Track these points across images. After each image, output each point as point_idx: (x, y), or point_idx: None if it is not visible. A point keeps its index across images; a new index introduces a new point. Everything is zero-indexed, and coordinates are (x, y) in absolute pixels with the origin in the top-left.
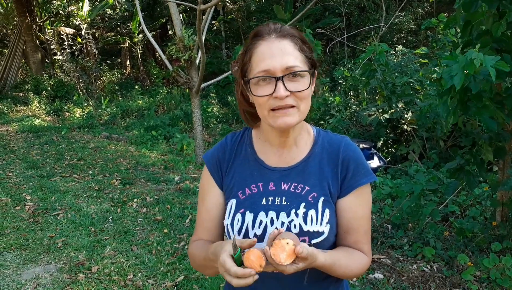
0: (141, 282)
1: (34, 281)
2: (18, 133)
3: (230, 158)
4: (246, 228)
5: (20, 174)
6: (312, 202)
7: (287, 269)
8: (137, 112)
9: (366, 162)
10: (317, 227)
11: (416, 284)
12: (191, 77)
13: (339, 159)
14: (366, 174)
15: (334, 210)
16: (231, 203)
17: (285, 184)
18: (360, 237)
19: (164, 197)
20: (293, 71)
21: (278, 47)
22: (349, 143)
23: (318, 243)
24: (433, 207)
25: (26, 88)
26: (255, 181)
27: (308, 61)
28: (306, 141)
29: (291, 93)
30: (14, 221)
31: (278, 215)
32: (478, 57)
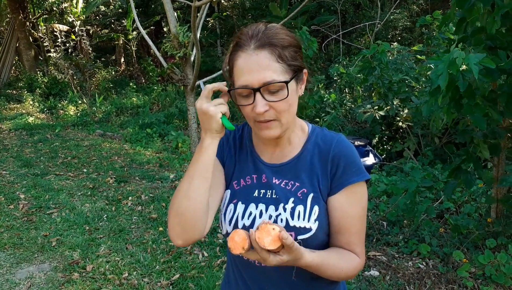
0: (136, 280)
1: (28, 280)
2: (11, 131)
3: (234, 147)
4: (236, 219)
5: (14, 173)
6: (301, 198)
7: (270, 259)
8: (131, 109)
9: (359, 160)
10: (304, 223)
11: (412, 281)
12: (186, 74)
13: (330, 155)
14: (357, 172)
15: (324, 208)
16: (226, 194)
17: (276, 179)
18: (352, 238)
19: (159, 195)
20: (270, 84)
21: (255, 61)
22: (342, 140)
23: (305, 240)
24: (428, 204)
25: (19, 86)
26: (250, 173)
27: (289, 68)
28: (300, 138)
29: (271, 105)
30: (8, 220)
31: (267, 208)
32: (460, 56)
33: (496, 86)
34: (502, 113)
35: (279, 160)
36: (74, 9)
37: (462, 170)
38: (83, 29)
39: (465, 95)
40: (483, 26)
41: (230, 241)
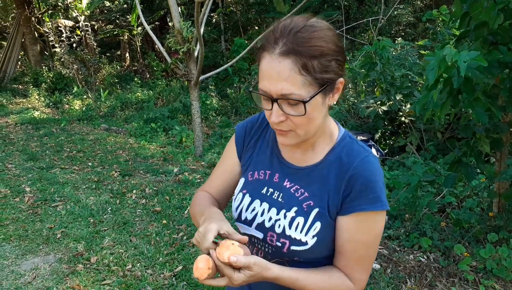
0: (140, 272)
1: (33, 271)
2: (17, 125)
3: (255, 136)
4: (241, 209)
5: (20, 166)
6: (305, 210)
7: (235, 277)
8: (136, 104)
9: (380, 187)
10: (300, 236)
11: (413, 274)
12: (189, 69)
13: (347, 174)
14: (373, 200)
15: (329, 225)
16: (241, 181)
17: (288, 182)
18: (352, 262)
19: (163, 189)
20: (288, 98)
21: (276, 69)
22: (367, 160)
23: (297, 251)
24: (430, 198)
25: (25, 81)
26: (264, 168)
27: (316, 81)
28: (325, 146)
29: (288, 116)
30: (14, 213)
31: (270, 209)
32: (451, 53)
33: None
34: (504, 108)
35: (298, 163)
36: (79, 4)
37: (463, 163)
38: (88, 24)
39: (464, 90)
40: (486, 20)
41: (195, 271)
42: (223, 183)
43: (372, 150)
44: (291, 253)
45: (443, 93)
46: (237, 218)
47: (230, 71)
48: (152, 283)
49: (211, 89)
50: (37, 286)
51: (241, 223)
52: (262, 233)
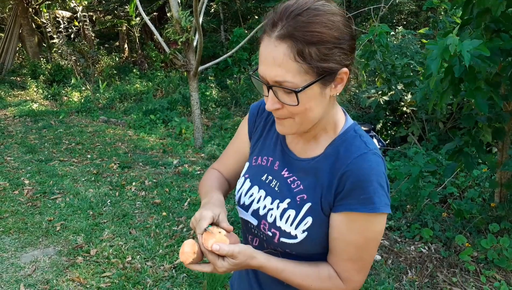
0: (140, 264)
1: (33, 264)
2: (15, 117)
3: (265, 118)
4: (241, 193)
5: (18, 159)
6: (298, 204)
7: (219, 264)
8: (135, 96)
9: (374, 189)
10: (290, 229)
11: (414, 265)
12: (188, 59)
13: (340, 171)
14: (364, 201)
15: (322, 221)
16: (246, 165)
17: (286, 171)
18: (341, 262)
19: (162, 181)
20: (281, 86)
21: (271, 54)
22: (366, 158)
23: (287, 244)
24: (431, 188)
25: (23, 73)
26: (268, 154)
27: (312, 69)
28: (327, 138)
29: (283, 105)
30: (13, 205)
31: (265, 197)
32: (453, 42)
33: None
34: (506, 97)
35: (299, 153)
36: None
37: (463, 153)
38: (86, 15)
39: (466, 79)
40: (489, 7)
41: (180, 255)
42: (234, 163)
43: (373, 140)
44: (281, 244)
45: (445, 82)
46: (237, 202)
47: (229, 62)
48: (152, 275)
49: (210, 80)
50: (37, 279)
51: (240, 207)
52: (257, 220)
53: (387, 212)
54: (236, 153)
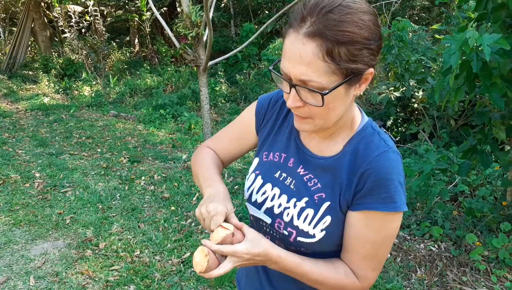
0: (148, 258)
1: (42, 256)
2: (27, 111)
3: (277, 112)
4: (252, 190)
5: (29, 152)
6: (316, 202)
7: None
8: (145, 90)
9: (395, 187)
10: (308, 228)
11: (423, 263)
12: (198, 54)
13: (360, 170)
14: (385, 200)
15: (339, 220)
16: (255, 161)
17: (302, 169)
18: (357, 260)
19: (171, 175)
20: (306, 85)
21: (298, 51)
22: (386, 157)
23: (304, 243)
24: (442, 186)
25: (35, 67)
26: (280, 150)
27: (340, 70)
28: (344, 136)
29: (305, 104)
30: (23, 198)
31: (280, 195)
32: (474, 36)
33: None
34: None
35: (315, 150)
36: None
37: (478, 151)
38: (97, 9)
39: (481, 75)
40: (505, 2)
41: (195, 267)
42: (233, 149)
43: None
44: (297, 243)
45: (460, 78)
46: (248, 199)
47: (239, 57)
48: (160, 270)
49: (220, 75)
50: (46, 271)
51: (251, 204)
52: (271, 218)
53: (405, 210)
54: (237, 139)
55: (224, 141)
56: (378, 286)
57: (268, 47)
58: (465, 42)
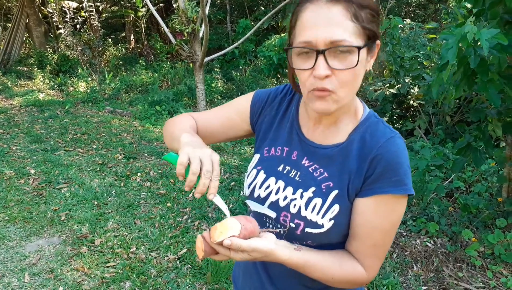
0: (144, 255)
1: (37, 253)
2: (22, 107)
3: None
4: (254, 186)
5: (24, 148)
6: (324, 191)
7: (232, 255)
8: (141, 86)
9: (405, 170)
10: (317, 217)
11: (419, 259)
12: (194, 50)
13: (370, 155)
14: (396, 183)
15: (347, 208)
16: (255, 157)
17: (307, 160)
18: (364, 248)
19: (167, 172)
20: (339, 46)
21: (325, 15)
22: (393, 142)
23: (312, 234)
24: (438, 182)
25: (30, 63)
26: (282, 144)
27: (364, 32)
28: (348, 124)
29: (334, 72)
30: (18, 194)
31: (285, 188)
32: (472, 30)
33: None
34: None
35: (319, 141)
36: None
37: (472, 148)
38: (92, 5)
39: (479, 71)
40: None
41: (196, 250)
42: (219, 127)
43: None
44: (304, 235)
45: (457, 74)
46: (249, 195)
47: (236, 53)
48: (156, 266)
49: (216, 72)
50: (41, 268)
51: (253, 200)
52: (276, 213)
53: (413, 193)
54: (226, 119)
55: (211, 117)
56: (375, 282)
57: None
58: (464, 37)
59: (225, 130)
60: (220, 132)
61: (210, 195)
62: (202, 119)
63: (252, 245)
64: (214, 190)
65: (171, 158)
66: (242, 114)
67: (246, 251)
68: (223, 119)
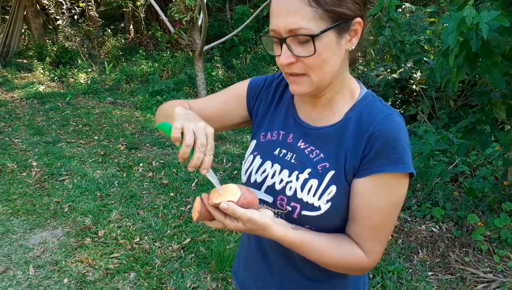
0: (148, 245)
1: (41, 245)
2: (23, 100)
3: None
4: (250, 172)
5: (26, 141)
6: (320, 173)
7: (226, 223)
8: (141, 77)
9: (404, 148)
10: (313, 199)
11: (425, 244)
12: (193, 39)
13: (367, 133)
14: (394, 161)
15: (345, 190)
16: (252, 143)
17: (302, 142)
18: (365, 231)
19: (170, 161)
20: (296, 34)
21: (284, 4)
22: (391, 118)
23: (309, 217)
24: (442, 167)
25: (29, 55)
26: (278, 128)
27: (327, 15)
28: (344, 104)
29: (298, 58)
30: (21, 187)
31: (281, 171)
32: (470, 14)
33: None
34: None
35: (315, 122)
36: None
37: (477, 131)
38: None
39: (481, 54)
40: None
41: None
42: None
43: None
44: (302, 218)
45: (459, 58)
46: (246, 182)
47: (236, 41)
48: (160, 256)
49: (216, 60)
50: (46, 260)
51: (250, 186)
52: (272, 197)
53: (413, 173)
54: (223, 104)
55: (207, 102)
56: (380, 268)
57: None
58: (463, 21)
59: (222, 116)
60: (216, 119)
61: (203, 170)
62: (197, 105)
63: (248, 214)
64: (208, 165)
65: (165, 127)
66: (238, 99)
67: (241, 219)
68: (219, 104)
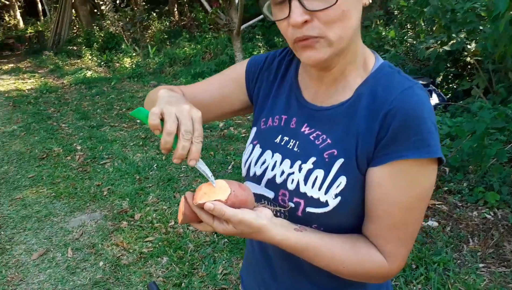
0: (182, 229)
1: (80, 228)
2: (72, 85)
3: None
4: (249, 163)
5: (72, 125)
6: (327, 161)
7: (215, 225)
8: (184, 59)
9: (428, 128)
10: (319, 194)
11: (476, 232)
12: (231, 18)
13: (383, 110)
14: (418, 144)
15: (358, 181)
16: (252, 131)
17: (307, 127)
18: (383, 231)
19: (208, 144)
20: None
21: None
22: (412, 92)
23: (315, 215)
24: (499, 147)
25: (78, 42)
26: (280, 112)
27: None
28: (356, 78)
29: (314, 15)
30: (65, 171)
31: (282, 162)
32: None
33: None
34: None
35: (322, 102)
36: None
37: None
38: None
39: None
40: None
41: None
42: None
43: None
44: (307, 216)
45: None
46: (246, 175)
47: None
48: (193, 240)
49: (258, 39)
50: (84, 243)
51: (250, 180)
52: (273, 192)
53: (442, 158)
54: (219, 86)
55: (201, 86)
56: (424, 259)
57: None
58: None
59: (219, 102)
60: (213, 106)
61: (191, 161)
62: (190, 90)
63: (238, 215)
64: (196, 155)
65: (140, 113)
66: (237, 82)
67: (231, 222)
68: (216, 89)
